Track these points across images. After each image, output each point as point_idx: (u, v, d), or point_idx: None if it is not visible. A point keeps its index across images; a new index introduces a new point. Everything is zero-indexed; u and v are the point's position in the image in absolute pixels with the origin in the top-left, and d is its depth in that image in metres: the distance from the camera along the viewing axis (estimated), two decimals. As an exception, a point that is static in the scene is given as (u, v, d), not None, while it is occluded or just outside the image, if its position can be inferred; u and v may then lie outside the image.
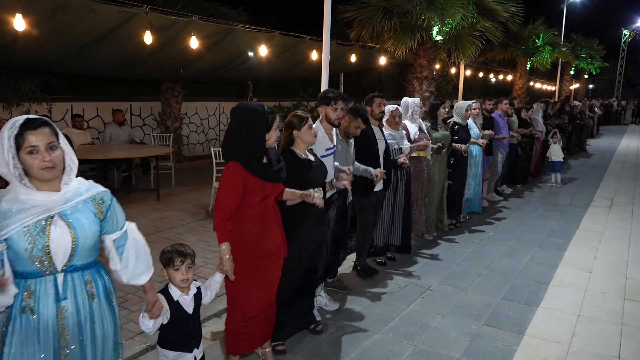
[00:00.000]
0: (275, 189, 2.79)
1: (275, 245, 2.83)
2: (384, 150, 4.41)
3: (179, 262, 2.37)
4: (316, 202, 2.86)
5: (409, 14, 7.66)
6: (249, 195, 2.62)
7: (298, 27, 9.11)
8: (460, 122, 6.15)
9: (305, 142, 3.16)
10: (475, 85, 20.34)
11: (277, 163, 2.76)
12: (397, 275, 4.61)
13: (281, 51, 8.75)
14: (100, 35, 6.12)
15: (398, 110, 4.74)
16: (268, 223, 2.77)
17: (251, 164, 2.62)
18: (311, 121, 3.14)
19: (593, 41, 23.78)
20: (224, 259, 2.58)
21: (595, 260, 5.11)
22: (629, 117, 27.12)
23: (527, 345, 3.38)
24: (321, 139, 3.53)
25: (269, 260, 2.82)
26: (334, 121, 3.59)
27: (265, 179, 2.67)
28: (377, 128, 4.40)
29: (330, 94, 3.56)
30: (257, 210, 2.70)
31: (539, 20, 15.04)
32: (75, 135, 7.48)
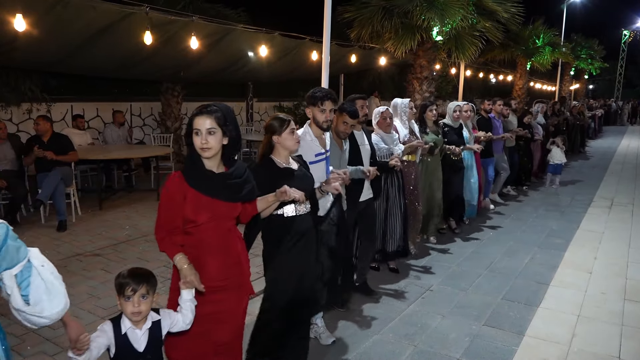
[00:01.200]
0: (232, 210, 2.31)
1: (225, 278, 2.31)
2: (369, 155, 4.03)
3: (130, 290, 1.98)
4: (295, 197, 2.44)
5: (409, 14, 7.66)
6: (192, 212, 2.19)
7: (298, 27, 9.12)
8: (451, 123, 5.87)
9: (286, 148, 2.75)
10: (475, 86, 20.35)
11: (237, 178, 2.29)
12: (397, 275, 4.60)
13: (281, 53, 8.75)
14: (100, 31, 6.11)
15: (388, 111, 4.46)
16: (218, 251, 2.29)
17: (190, 174, 2.21)
18: (294, 125, 2.77)
19: (593, 41, 23.77)
20: (184, 269, 2.16)
21: (595, 260, 5.11)
22: (625, 118, 27.10)
23: (527, 346, 3.38)
24: (310, 142, 3.19)
25: (215, 298, 2.30)
26: (322, 124, 3.19)
27: (208, 193, 2.20)
28: (360, 132, 3.98)
29: (318, 93, 3.18)
30: (202, 234, 2.24)
31: (539, 20, 15.03)
32: (76, 136, 7.50)
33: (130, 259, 4.82)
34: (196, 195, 2.18)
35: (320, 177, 3.10)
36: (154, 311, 2.10)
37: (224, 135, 2.20)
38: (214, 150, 2.17)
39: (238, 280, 2.39)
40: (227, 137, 2.22)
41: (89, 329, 1.99)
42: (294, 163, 2.84)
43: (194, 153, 2.19)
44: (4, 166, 5.90)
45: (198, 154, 2.19)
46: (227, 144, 2.23)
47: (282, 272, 2.76)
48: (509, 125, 7.66)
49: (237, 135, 2.28)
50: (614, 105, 26.31)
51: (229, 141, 2.23)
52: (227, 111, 2.24)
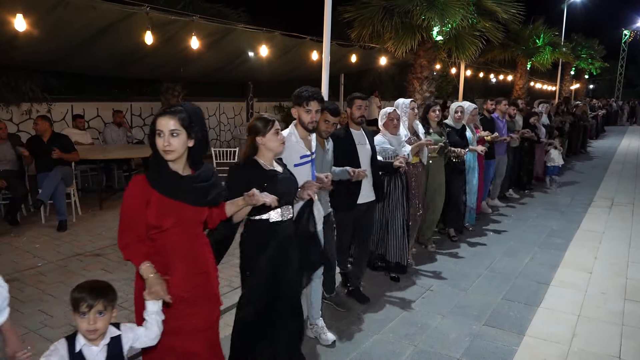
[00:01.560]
0: (198, 214, 2.20)
1: (192, 287, 2.20)
2: (369, 156, 3.86)
3: (85, 307, 1.82)
4: (266, 201, 2.31)
5: (409, 13, 7.66)
6: (156, 217, 2.08)
7: (298, 27, 9.12)
8: (453, 124, 5.68)
9: (270, 150, 2.63)
10: (475, 86, 20.35)
11: (204, 181, 2.19)
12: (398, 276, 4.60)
13: (281, 52, 8.75)
14: (100, 30, 6.11)
15: (396, 112, 4.32)
16: (184, 258, 2.17)
17: (154, 177, 2.11)
18: (278, 125, 2.66)
19: (593, 41, 23.77)
20: (149, 279, 2.02)
21: (595, 260, 5.11)
22: (624, 118, 27.09)
23: (528, 346, 3.38)
24: (295, 144, 3.07)
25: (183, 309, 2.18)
26: (308, 125, 3.05)
27: (174, 197, 2.09)
28: (358, 132, 3.84)
29: (303, 93, 3.04)
30: (167, 240, 2.13)
31: (540, 20, 15.04)
32: (76, 136, 7.51)
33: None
34: (160, 198, 2.08)
35: (305, 180, 2.98)
36: (113, 326, 1.95)
37: (188, 137, 2.10)
38: (177, 153, 2.08)
39: (206, 290, 2.26)
40: (193, 139, 2.12)
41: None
42: (277, 165, 2.74)
43: (158, 155, 2.09)
44: (4, 166, 5.90)
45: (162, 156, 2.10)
46: (192, 146, 2.13)
47: (262, 278, 2.63)
48: (514, 126, 7.50)
49: (203, 137, 2.17)
50: (614, 105, 26.31)
51: (195, 143, 2.13)
52: (194, 112, 2.14)
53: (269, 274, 2.63)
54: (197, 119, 2.13)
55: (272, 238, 2.64)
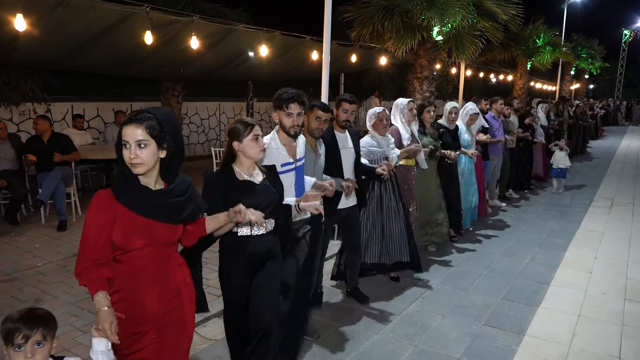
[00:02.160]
0: (172, 233, 1.97)
1: (162, 315, 1.97)
2: (353, 159, 3.70)
3: (20, 338, 1.62)
4: (252, 219, 2.13)
5: (410, 13, 7.66)
6: (124, 237, 1.85)
7: (298, 27, 9.12)
8: (447, 125, 5.50)
9: (248, 157, 2.43)
10: (475, 86, 20.34)
11: (179, 196, 1.96)
12: (398, 276, 4.60)
13: (282, 52, 8.75)
14: (100, 32, 6.12)
15: (385, 112, 4.12)
16: (155, 283, 1.95)
17: (122, 191, 1.87)
18: (259, 130, 2.44)
19: (593, 41, 23.77)
20: (101, 312, 1.77)
21: (595, 260, 5.11)
22: (622, 118, 27.08)
23: (528, 346, 3.38)
24: (275, 151, 2.86)
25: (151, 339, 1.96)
26: (289, 129, 2.85)
27: (145, 214, 1.87)
28: (342, 135, 3.66)
29: (284, 95, 2.82)
30: (135, 263, 1.90)
31: (540, 20, 15.04)
32: (76, 136, 7.51)
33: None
34: (129, 216, 1.85)
35: (286, 190, 2.77)
36: (55, 359, 1.78)
37: (159, 148, 1.86)
38: (146, 166, 1.84)
39: (178, 318, 2.04)
40: (164, 149, 1.88)
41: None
42: (259, 174, 2.52)
43: (126, 167, 1.85)
44: (4, 166, 5.90)
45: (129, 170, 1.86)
46: (165, 157, 1.90)
47: (234, 293, 2.51)
48: (509, 126, 7.37)
49: (177, 147, 1.94)
50: (612, 105, 26.31)
51: (167, 154, 1.90)
52: (166, 119, 1.89)
53: (245, 292, 2.48)
54: (169, 127, 1.89)
55: (241, 253, 2.45)
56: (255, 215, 2.16)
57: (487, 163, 6.72)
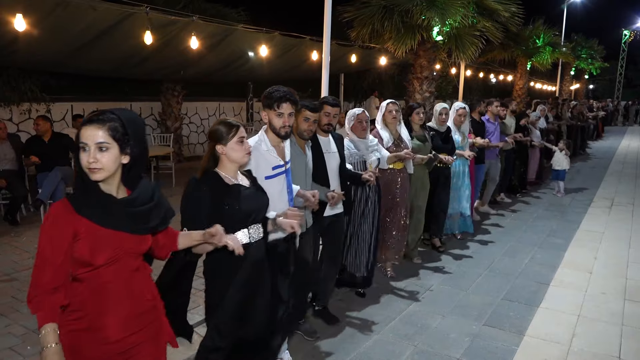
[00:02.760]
0: (140, 244, 1.79)
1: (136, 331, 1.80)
2: (337, 164, 3.50)
3: None
4: (229, 245, 1.94)
5: (409, 13, 7.66)
6: (89, 252, 1.66)
7: (298, 25, 9.13)
8: (437, 127, 5.17)
9: (232, 161, 2.25)
10: (475, 86, 20.35)
11: (145, 204, 1.78)
12: (397, 276, 4.60)
13: (281, 52, 8.76)
14: (100, 32, 6.13)
15: (365, 114, 3.92)
16: (123, 300, 1.76)
17: (81, 201, 1.68)
18: (244, 132, 2.27)
19: (593, 41, 23.79)
20: (46, 350, 1.58)
21: (595, 260, 5.11)
22: (620, 118, 27.07)
23: (528, 346, 3.38)
24: (265, 153, 2.68)
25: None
26: (279, 130, 2.66)
27: (109, 225, 1.69)
28: (326, 139, 3.47)
29: (275, 93, 2.63)
30: (100, 280, 1.70)
31: (540, 20, 15.05)
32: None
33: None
34: (93, 229, 1.66)
35: (278, 194, 2.64)
36: None
37: (121, 152, 1.69)
38: (107, 172, 1.67)
39: (153, 331, 1.88)
40: (127, 154, 1.71)
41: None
42: (244, 179, 2.35)
43: (85, 174, 1.66)
44: (4, 166, 5.91)
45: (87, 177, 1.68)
46: (127, 162, 1.72)
47: (230, 311, 2.27)
48: (505, 128, 7.08)
49: (141, 152, 1.77)
50: (610, 105, 26.32)
51: (131, 160, 1.72)
52: (130, 120, 1.72)
53: (236, 309, 2.27)
54: (133, 130, 1.72)
55: (238, 264, 2.23)
56: (236, 244, 1.97)
57: (482, 167, 6.46)
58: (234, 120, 2.29)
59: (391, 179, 4.35)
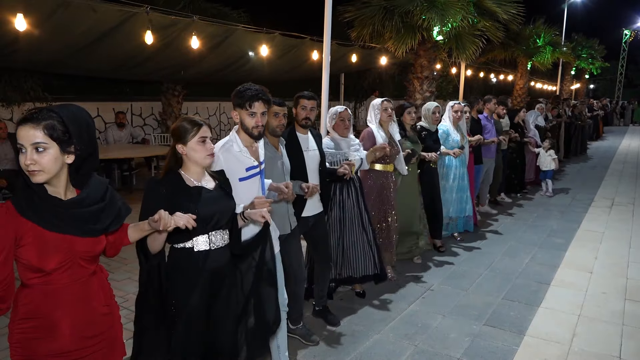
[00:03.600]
0: (93, 247, 1.71)
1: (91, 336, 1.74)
2: (317, 163, 3.40)
3: None
4: (179, 224, 1.80)
5: (410, 13, 7.66)
6: (37, 257, 1.59)
7: (299, 25, 9.13)
8: (428, 126, 5.09)
9: (194, 162, 2.12)
10: (476, 86, 20.34)
11: (94, 204, 1.69)
12: (398, 276, 4.60)
13: (282, 52, 8.76)
14: (101, 34, 6.13)
15: (347, 112, 3.81)
16: (77, 306, 1.69)
17: (26, 204, 1.59)
18: (207, 131, 2.12)
19: (594, 41, 23.75)
20: None
21: (595, 260, 5.11)
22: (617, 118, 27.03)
23: (528, 346, 3.38)
24: (238, 154, 2.55)
25: None
26: (252, 130, 2.54)
27: (56, 229, 1.60)
28: (305, 136, 3.37)
29: (246, 92, 2.51)
30: (52, 286, 1.63)
31: (540, 20, 15.03)
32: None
33: (130, 257, 4.83)
34: (40, 233, 1.58)
35: (253, 196, 2.47)
36: None
37: (63, 152, 1.60)
38: (47, 174, 1.58)
39: (109, 338, 1.81)
40: (71, 153, 1.62)
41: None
42: (210, 181, 2.21)
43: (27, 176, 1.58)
44: (4, 166, 5.92)
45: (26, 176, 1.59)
46: (73, 162, 1.64)
47: (190, 322, 2.10)
48: (500, 127, 7.00)
49: (89, 150, 1.68)
50: (609, 105, 26.29)
51: (76, 159, 1.64)
52: (70, 117, 1.63)
53: (197, 320, 2.12)
54: (76, 127, 1.62)
55: (197, 271, 2.11)
56: (183, 219, 1.80)
57: (480, 167, 6.42)
58: (199, 119, 2.15)
59: (384, 182, 4.28)
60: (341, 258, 3.83)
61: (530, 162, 8.64)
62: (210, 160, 2.15)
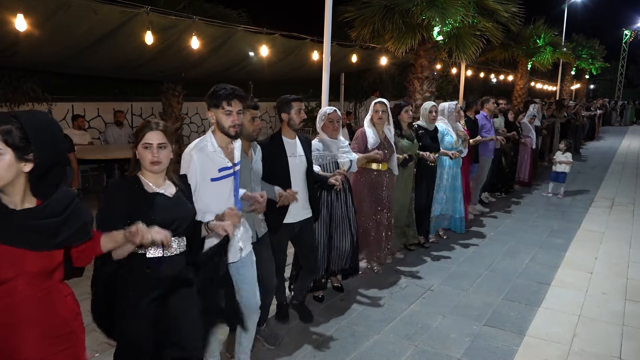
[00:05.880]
0: (48, 262, 1.62)
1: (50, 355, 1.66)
2: (304, 169, 3.33)
3: None
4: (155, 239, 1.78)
5: (410, 13, 7.66)
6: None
7: (299, 26, 9.13)
8: (426, 125, 5.10)
9: (144, 166, 2.06)
10: (476, 86, 20.35)
11: (53, 217, 1.61)
12: (398, 276, 4.60)
13: (283, 53, 8.77)
14: (102, 36, 6.13)
15: (336, 113, 3.75)
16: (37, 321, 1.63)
17: None
18: (153, 138, 2.04)
19: (594, 41, 23.76)
20: None
21: (596, 260, 5.11)
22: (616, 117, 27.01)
23: (528, 346, 3.38)
24: (212, 154, 2.50)
25: None
26: (229, 130, 2.47)
27: (6, 240, 1.53)
28: (292, 141, 3.29)
29: (221, 91, 2.44)
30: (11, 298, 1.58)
31: (540, 20, 15.04)
32: (76, 136, 7.53)
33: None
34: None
35: (226, 197, 2.48)
36: None
37: (19, 159, 1.53)
38: (1, 181, 1.52)
39: (69, 357, 1.73)
40: (29, 161, 1.55)
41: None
42: (170, 186, 2.14)
43: None
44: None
45: None
46: (32, 170, 1.56)
47: (142, 329, 2.00)
48: (496, 127, 6.98)
49: (51, 157, 1.60)
50: (607, 105, 26.29)
51: (36, 167, 1.56)
52: (33, 124, 1.56)
53: (147, 329, 2.01)
54: (36, 134, 1.55)
55: (148, 279, 2.02)
56: (160, 235, 1.78)
57: (475, 166, 6.39)
58: (155, 121, 2.06)
59: (377, 180, 4.32)
60: (326, 259, 3.86)
61: (524, 163, 8.51)
62: (153, 168, 2.05)
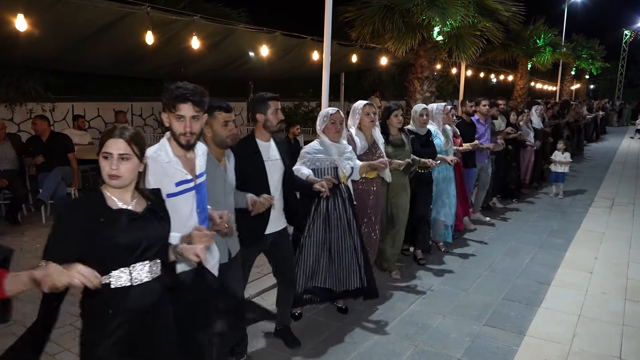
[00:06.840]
0: None
1: None
2: (281, 172, 3.05)
3: None
4: (60, 283, 1.44)
5: (410, 13, 7.66)
6: None
7: (299, 26, 9.13)
8: (416, 130, 4.77)
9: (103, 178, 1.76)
10: (476, 86, 20.34)
11: None
12: (398, 276, 4.60)
13: (283, 52, 8.77)
14: (101, 27, 6.13)
15: (339, 114, 3.50)
16: None
17: None
18: (112, 147, 1.72)
19: (594, 41, 23.77)
20: None
21: (596, 260, 5.11)
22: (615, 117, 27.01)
23: (528, 346, 3.38)
24: (166, 166, 2.13)
25: None
26: (179, 138, 2.11)
27: None
28: (266, 144, 3.00)
29: (174, 92, 2.06)
30: None
31: (540, 20, 15.04)
32: (76, 137, 7.53)
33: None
34: None
35: (186, 217, 2.14)
36: None
37: None
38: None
39: None
40: None
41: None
42: (139, 202, 1.83)
43: None
44: (4, 166, 5.91)
45: None
46: None
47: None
48: (495, 129, 6.73)
49: None
50: (607, 106, 26.30)
51: None
52: None
53: None
54: None
55: (124, 311, 1.72)
56: (83, 277, 1.42)
57: (473, 171, 6.09)
58: (121, 128, 1.77)
59: (364, 189, 3.96)
60: (327, 272, 3.52)
61: (525, 165, 8.33)
62: (111, 182, 1.74)
